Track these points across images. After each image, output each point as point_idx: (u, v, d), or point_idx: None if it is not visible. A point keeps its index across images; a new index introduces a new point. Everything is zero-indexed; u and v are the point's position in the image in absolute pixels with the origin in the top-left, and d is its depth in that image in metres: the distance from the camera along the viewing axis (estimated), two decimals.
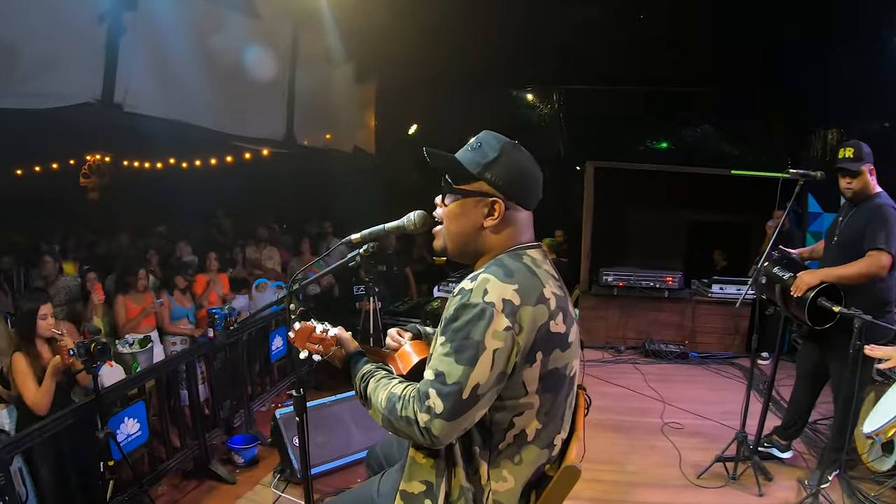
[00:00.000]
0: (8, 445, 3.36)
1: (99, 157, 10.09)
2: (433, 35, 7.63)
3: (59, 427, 3.63)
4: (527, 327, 1.54)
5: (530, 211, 1.79)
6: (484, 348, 1.50)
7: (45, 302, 3.95)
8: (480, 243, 1.75)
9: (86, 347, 3.56)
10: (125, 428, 4.17)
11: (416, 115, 10.10)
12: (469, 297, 1.55)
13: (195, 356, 5.07)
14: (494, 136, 1.75)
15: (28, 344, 3.88)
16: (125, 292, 5.58)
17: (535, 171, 1.77)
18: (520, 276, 1.59)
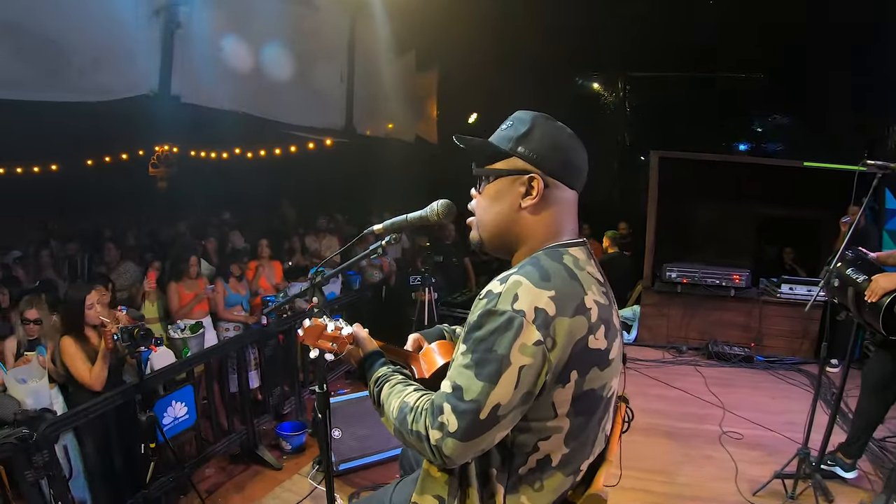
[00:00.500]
0: (53, 424, 3.47)
1: (167, 147, 10.41)
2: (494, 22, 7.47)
3: (104, 408, 3.75)
4: (561, 342, 1.34)
5: (574, 191, 1.57)
6: (508, 364, 1.31)
7: (91, 291, 4.06)
8: (518, 230, 1.54)
9: (129, 333, 3.66)
10: (172, 411, 4.27)
11: (477, 104, 9.92)
12: (496, 303, 1.35)
13: (247, 343, 5.15)
14: (526, 112, 1.58)
15: (76, 329, 3.99)
16: (178, 279, 5.70)
17: (575, 144, 1.56)
18: (558, 281, 1.38)
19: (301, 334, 1.86)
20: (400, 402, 1.52)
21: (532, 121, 1.54)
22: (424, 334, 2.01)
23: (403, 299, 7.01)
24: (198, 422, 4.53)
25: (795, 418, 4.57)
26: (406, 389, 1.56)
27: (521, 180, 1.51)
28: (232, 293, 6.15)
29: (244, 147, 10.36)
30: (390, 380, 1.62)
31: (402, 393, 1.55)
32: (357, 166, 10.40)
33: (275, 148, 10.31)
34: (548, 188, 1.50)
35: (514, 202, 1.52)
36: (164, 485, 4.07)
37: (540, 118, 1.55)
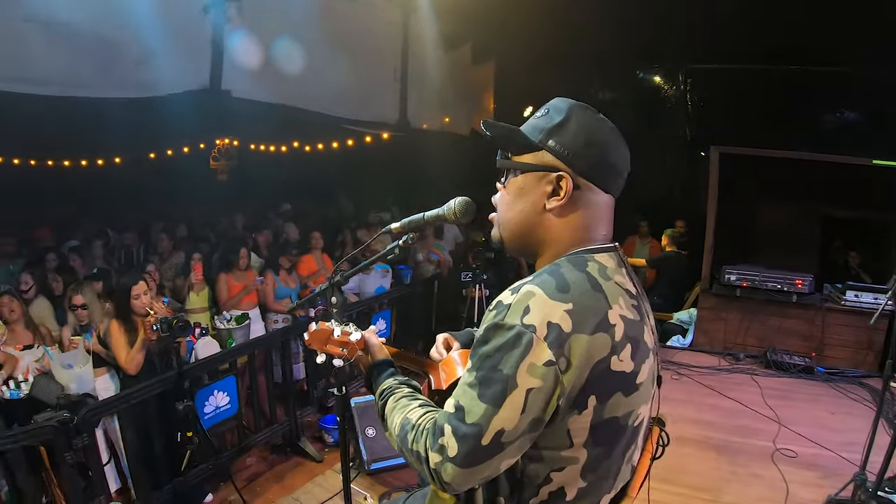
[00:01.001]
0: (94, 409, 3.59)
1: (228, 140, 10.67)
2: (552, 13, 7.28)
3: (143, 395, 3.84)
4: (577, 363, 1.16)
5: (610, 195, 1.38)
6: (515, 386, 1.16)
7: (139, 282, 4.18)
8: (542, 232, 1.37)
9: (168, 323, 3.74)
10: (214, 400, 4.35)
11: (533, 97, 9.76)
12: (504, 315, 1.19)
13: (292, 335, 5.19)
14: (564, 100, 1.38)
15: (123, 315, 4.13)
16: (228, 270, 5.79)
17: (615, 141, 1.36)
18: (577, 292, 1.21)
19: (307, 338, 1.77)
20: (402, 417, 1.39)
21: (568, 111, 1.35)
22: (454, 335, 1.87)
23: (455, 295, 6.92)
24: (240, 411, 4.61)
25: (855, 437, 4.22)
26: (410, 404, 1.42)
27: (548, 178, 1.33)
28: (281, 286, 6.20)
29: (302, 141, 10.48)
30: (395, 392, 1.50)
31: (405, 408, 1.41)
32: (413, 160, 10.34)
33: (332, 142, 10.39)
34: (578, 189, 1.32)
35: (538, 201, 1.35)
36: (202, 472, 4.17)
37: (578, 108, 1.36)
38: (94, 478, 3.59)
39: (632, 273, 1.40)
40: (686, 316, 6.86)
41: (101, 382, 4.25)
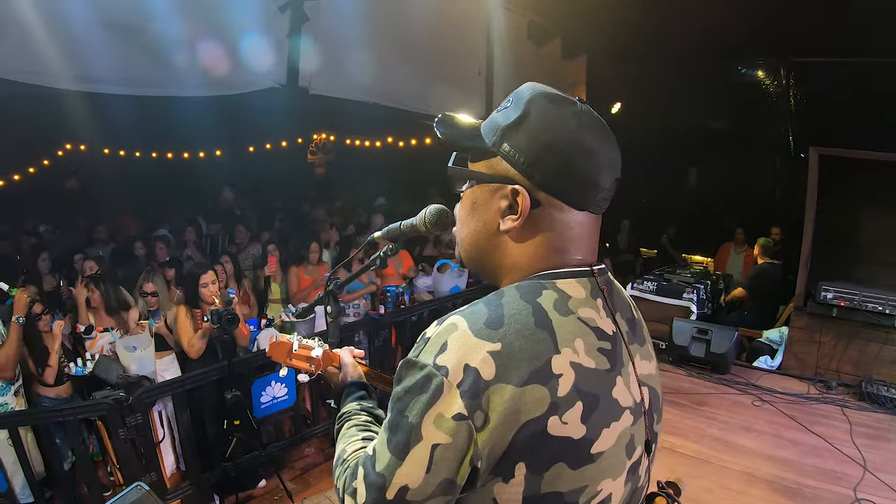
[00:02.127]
0: (148, 391, 3.82)
1: (325, 135, 11.02)
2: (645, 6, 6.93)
3: (196, 383, 4.06)
4: (497, 420, 0.92)
5: (587, 212, 1.08)
6: (419, 438, 0.94)
7: (208, 272, 4.39)
8: (498, 256, 1.11)
9: (218, 315, 3.88)
10: (271, 391, 4.49)
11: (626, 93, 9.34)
12: (420, 351, 0.99)
13: (355, 331, 5.27)
14: (529, 87, 1.10)
15: (191, 302, 4.40)
16: (299, 263, 5.95)
17: (588, 141, 1.04)
18: (512, 329, 0.95)
19: (267, 350, 1.73)
20: (341, 448, 1.24)
21: (528, 102, 1.06)
22: None
23: None
24: (297, 403, 4.72)
25: None
26: (356, 436, 1.27)
27: (502, 192, 1.07)
28: (355, 282, 6.30)
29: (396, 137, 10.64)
30: (351, 419, 1.36)
31: (349, 439, 1.26)
32: None
33: (425, 137, 10.47)
34: (539, 207, 1.05)
35: (492, 220, 1.09)
36: (254, 459, 4.32)
37: (540, 98, 1.06)
38: (146, 454, 3.80)
39: (615, 305, 1.11)
40: (776, 335, 6.29)
41: (163, 364, 4.51)
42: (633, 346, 1.12)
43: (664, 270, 7.18)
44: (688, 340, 5.57)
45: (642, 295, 6.57)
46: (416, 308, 5.81)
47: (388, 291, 5.95)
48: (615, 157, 1.09)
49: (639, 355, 1.13)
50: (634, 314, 1.19)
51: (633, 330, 1.15)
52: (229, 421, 3.99)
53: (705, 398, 4.96)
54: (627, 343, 1.10)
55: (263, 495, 4.44)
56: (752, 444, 4.27)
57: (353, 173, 10.95)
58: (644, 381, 1.13)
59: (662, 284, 6.64)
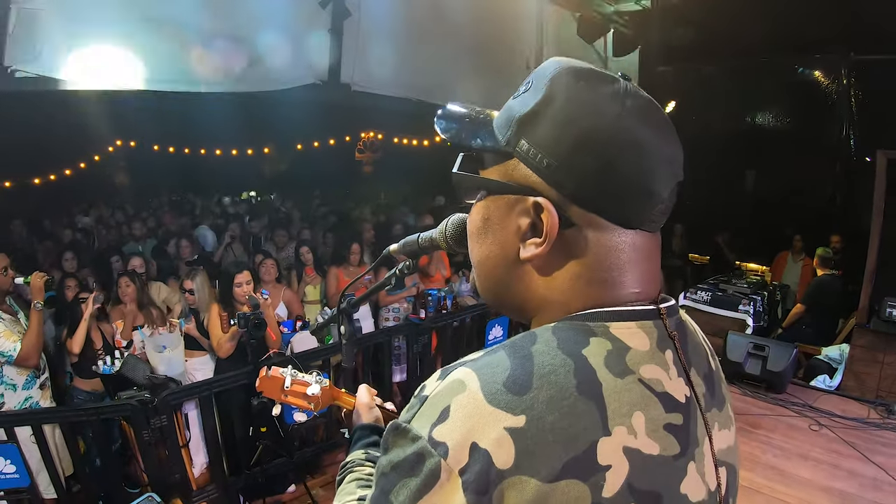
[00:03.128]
0: (174, 393, 3.76)
1: (372, 133, 10.97)
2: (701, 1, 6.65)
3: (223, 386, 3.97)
4: None
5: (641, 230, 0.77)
6: None
7: (243, 271, 4.34)
8: (522, 290, 0.81)
9: (245, 319, 3.80)
10: None
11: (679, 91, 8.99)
12: (413, 415, 0.70)
13: (393, 336, 5.15)
14: (554, 63, 0.79)
15: (225, 301, 4.36)
16: (339, 264, 5.86)
17: (638, 133, 0.74)
18: (545, 394, 0.66)
19: (258, 384, 1.52)
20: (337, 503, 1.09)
21: (552, 82, 0.76)
22: None
23: None
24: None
25: None
26: (354, 493, 1.11)
27: (521, 206, 0.77)
28: None
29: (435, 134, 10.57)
30: (354, 471, 1.19)
31: (346, 496, 1.11)
32: None
33: None
34: (571, 227, 0.75)
35: (508, 245, 0.80)
36: (283, 465, 4.23)
37: (567, 75, 0.76)
38: (171, 456, 3.74)
39: (690, 357, 0.80)
40: (836, 352, 5.87)
41: (197, 364, 4.48)
42: (711, 412, 0.81)
43: (719, 279, 6.84)
44: (743, 356, 5.26)
45: (695, 305, 6.28)
46: (459, 313, 5.64)
47: (430, 295, 5.81)
48: (675, 152, 0.78)
49: (717, 424, 0.82)
50: (712, 364, 0.87)
51: (712, 389, 0.83)
52: (255, 427, 3.90)
53: (760, 420, 4.66)
54: (704, 410, 0.79)
55: (291, 501, 4.36)
56: (809, 474, 3.96)
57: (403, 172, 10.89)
58: (722, 460, 0.82)
59: (717, 295, 6.33)
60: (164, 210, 8.71)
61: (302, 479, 4.36)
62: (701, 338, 0.89)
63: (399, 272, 1.56)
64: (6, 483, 3.50)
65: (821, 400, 5.16)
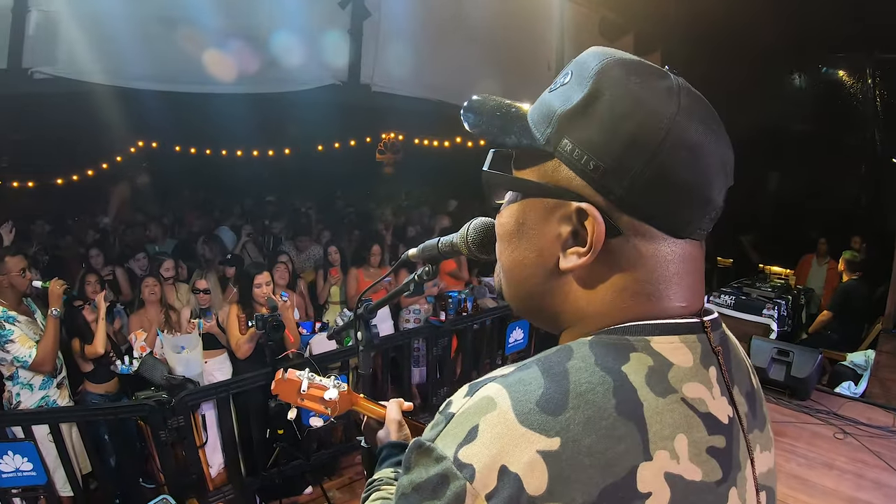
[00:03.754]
0: (191, 394, 3.79)
1: (393, 134, 10.97)
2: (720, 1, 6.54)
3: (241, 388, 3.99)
4: None
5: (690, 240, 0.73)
6: None
7: (263, 272, 4.36)
8: (559, 302, 0.75)
9: (263, 321, 3.80)
10: None
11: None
12: (438, 433, 0.66)
13: (413, 338, 5.14)
14: (598, 55, 0.72)
15: (244, 301, 4.39)
16: (359, 266, 5.85)
17: (696, 133, 0.68)
18: (582, 415, 0.62)
19: (273, 387, 1.50)
20: None
21: (599, 76, 0.69)
22: None
23: None
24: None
25: None
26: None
27: (562, 211, 0.71)
28: None
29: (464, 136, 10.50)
30: (381, 489, 1.15)
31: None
32: None
33: None
34: (619, 237, 0.69)
35: (546, 253, 0.74)
36: (300, 466, 4.23)
37: (616, 69, 0.70)
38: (188, 456, 3.77)
39: (733, 374, 0.75)
40: (861, 358, 5.74)
41: (215, 364, 4.51)
42: (753, 433, 0.75)
43: (742, 283, 6.75)
44: (767, 362, 5.18)
45: (719, 309, 6.09)
46: (480, 316, 5.60)
47: (451, 297, 5.79)
48: (728, 154, 0.73)
49: (759, 446, 0.76)
50: (753, 382, 0.81)
51: (754, 409, 0.77)
52: (272, 429, 3.90)
53: (784, 428, 4.58)
54: (747, 432, 0.74)
55: (308, 503, 4.34)
56: (833, 483, 3.88)
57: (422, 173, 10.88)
58: (763, 485, 0.76)
59: (741, 299, 6.24)
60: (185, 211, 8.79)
61: (319, 481, 4.37)
62: (743, 353, 0.83)
63: (418, 278, 1.45)
64: (23, 480, 3.54)
65: (845, 407, 5.06)
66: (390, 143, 11.04)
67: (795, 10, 6.34)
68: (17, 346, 3.50)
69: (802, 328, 6.61)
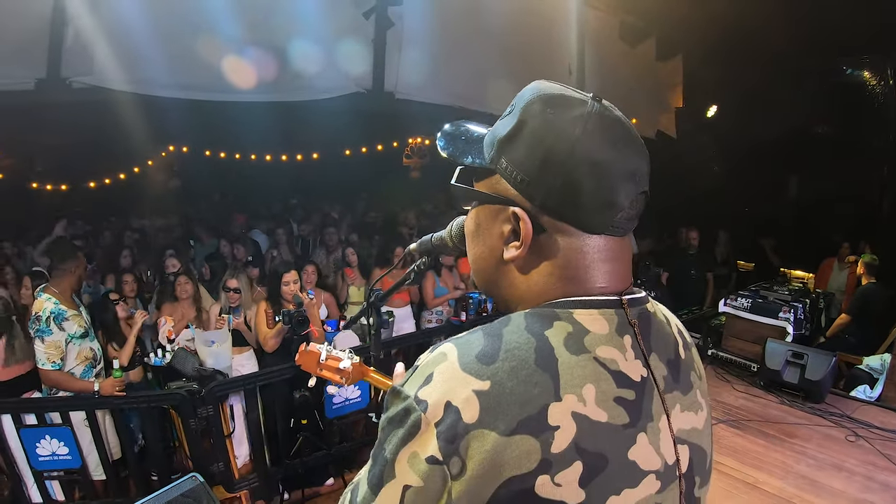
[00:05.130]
0: (220, 385, 4.00)
1: (420, 139, 11.15)
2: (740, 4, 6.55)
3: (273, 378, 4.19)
4: (476, 470, 0.78)
5: (601, 234, 0.90)
6: (392, 475, 0.83)
7: (290, 271, 4.56)
8: (506, 286, 0.97)
9: (289, 316, 3.99)
10: (344, 392, 4.54)
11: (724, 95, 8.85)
12: (407, 380, 0.86)
13: (434, 337, 5.27)
14: (533, 89, 0.93)
15: (272, 298, 4.60)
16: (382, 267, 5.97)
17: (596, 153, 0.86)
18: (506, 367, 0.81)
19: (297, 359, 1.72)
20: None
21: (524, 110, 0.90)
22: None
23: None
24: (370, 405, 4.77)
25: None
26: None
27: (504, 215, 0.93)
28: (440, 286, 6.28)
29: None
30: None
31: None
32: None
33: None
34: (543, 233, 0.89)
35: (495, 247, 0.96)
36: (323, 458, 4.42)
37: (538, 102, 0.89)
38: (216, 445, 3.97)
39: (651, 343, 0.93)
40: (878, 362, 5.70)
41: (241, 360, 4.71)
42: (671, 394, 0.92)
43: (760, 286, 6.75)
44: (781, 364, 5.17)
45: (735, 312, 6.18)
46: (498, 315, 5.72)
47: (471, 298, 5.93)
48: (637, 166, 0.90)
49: (679, 405, 0.94)
50: (681, 353, 0.99)
51: (676, 375, 0.95)
52: (297, 420, 4.08)
53: (795, 429, 4.60)
54: (663, 392, 0.91)
55: (329, 493, 4.52)
56: (842, 485, 3.91)
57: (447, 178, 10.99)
58: (683, 439, 0.93)
59: (757, 302, 6.23)
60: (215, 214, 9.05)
61: (340, 472, 4.52)
62: (674, 330, 1.02)
63: (416, 268, 1.72)
64: (59, 464, 3.79)
65: (860, 411, 5.06)
66: (417, 147, 11.19)
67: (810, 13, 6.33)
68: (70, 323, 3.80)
69: (821, 332, 6.59)
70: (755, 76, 7.69)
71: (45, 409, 3.76)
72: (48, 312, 3.73)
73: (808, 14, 6.42)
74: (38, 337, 3.71)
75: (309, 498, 4.38)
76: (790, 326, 5.88)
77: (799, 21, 6.54)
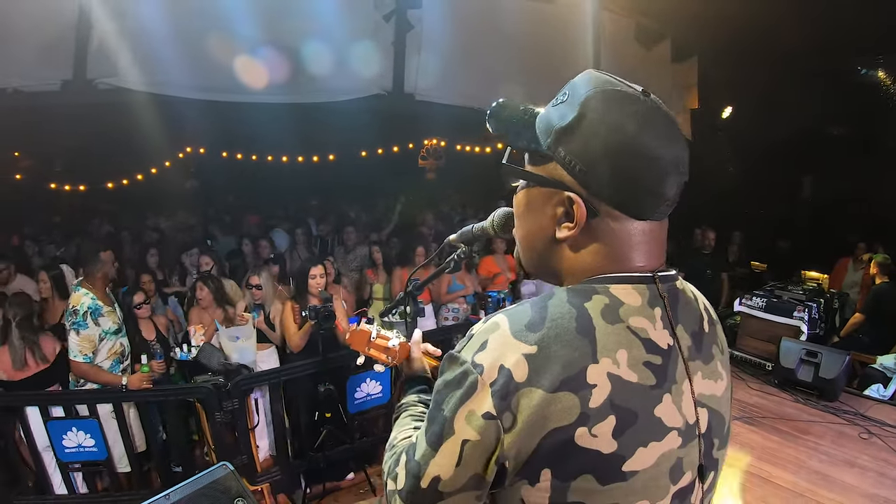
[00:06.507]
0: (246, 379, 4.10)
1: (435, 141, 11.20)
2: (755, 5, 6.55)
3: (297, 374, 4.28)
4: (525, 423, 0.90)
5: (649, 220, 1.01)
6: (451, 432, 0.95)
7: (317, 266, 4.64)
8: (555, 262, 1.06)
9: (316, 311, 4.08)
10: (366, 387, 4.64)
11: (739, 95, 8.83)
12: (463, 347, 0.98)
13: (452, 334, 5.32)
14: (586, 79, 1.01)
15: (300, 295, 4.67)
16: (403, 265, 6.09)
17: (651, 146, 0.96)
18: (551, 333, 0.92)
19: (347, 338, 1.78)
20: (394, 435, 1.26)
21: (584, 102, 0.97)
22: None
23: None
24: (391, 401, 4.85)
25: None
26: (409, 424, 1.29)
27: (558, 197, 1.01)
28: (456, 283, 6.32)
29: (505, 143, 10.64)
30: (409, 409, 1.38)
31: (403, 427, 1.29)
32: None
33: None
34: (596, 217, 0.99)
35: (546, 227, 1.04)
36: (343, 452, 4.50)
37: (598, 97, 0.97)
38: (240, 438, 4.05)
39: (679, 316, 1.03)
40: (891, 361, 5.72)
41: (263, 356, 4.80)
42: (694, 362, 1.03)
43: (775, 286, 6.76)
44: (795, 363, 5.21)
45: (750, 311, 6.21)
46: None
47: (490, 297, 6.00)
48: (680, 156, 0.99)
49: (701, 373, 1.04)
50: (705, 328, 1.08)
51: (699, 345, 1.05)
52: (321, 413, 4.16)
53: (809, 426, 4.64)
54: (686, 359, 1.01)
55: (350, 487, 4.59)
56: (854, 480, 3.95)
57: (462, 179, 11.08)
58: (703, 402, 1.04)
59: (772, 301, 6.25)
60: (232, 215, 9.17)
61: (361, 467, 4.58)
62: (701, 306, 1.12)
63: (457, 257, 1.78)
64: (84, 455, 3.88)
65: (873, 409, 5.08)
66: (432, 149, 11.24)
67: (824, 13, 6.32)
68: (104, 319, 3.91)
69: (836, 331, 6.60)
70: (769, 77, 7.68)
71: (75, 402, 3.86)
72: (85, 307, 3.84)
73: (822, 14, 6.40)
74: (73, 329, 3.82)
75: (330, 491, 4.44)
76: (804, 326, 5.90)
77: (813, 21, 6.52)
